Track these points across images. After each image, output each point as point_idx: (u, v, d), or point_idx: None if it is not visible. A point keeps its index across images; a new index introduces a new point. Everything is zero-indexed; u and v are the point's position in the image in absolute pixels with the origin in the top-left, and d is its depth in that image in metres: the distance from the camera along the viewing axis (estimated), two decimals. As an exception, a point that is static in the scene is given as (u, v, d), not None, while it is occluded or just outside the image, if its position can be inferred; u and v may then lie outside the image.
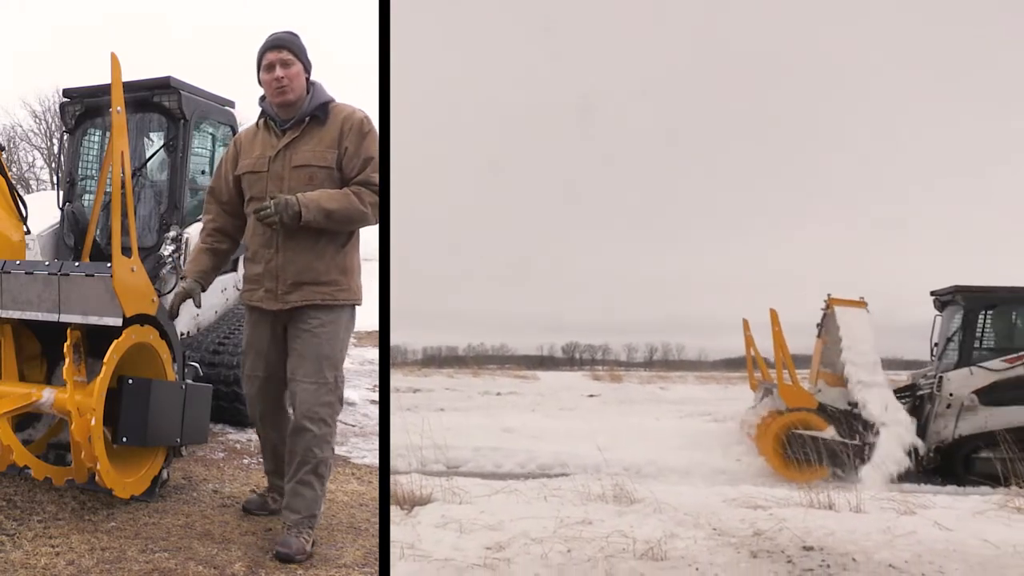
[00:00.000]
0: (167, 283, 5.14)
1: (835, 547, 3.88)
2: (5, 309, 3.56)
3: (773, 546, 3.92)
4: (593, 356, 49.79)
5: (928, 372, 8.95)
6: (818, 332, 9.29)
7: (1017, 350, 8.36)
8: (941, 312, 9.15)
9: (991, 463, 7.73)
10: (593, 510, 4.61)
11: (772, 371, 8.90)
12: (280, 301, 3.24)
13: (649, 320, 59.25)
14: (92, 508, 3.62)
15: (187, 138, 5.63)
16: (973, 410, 8.22)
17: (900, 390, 9.04)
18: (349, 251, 3.32)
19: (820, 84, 73.37)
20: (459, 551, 3.64)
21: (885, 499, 4.96)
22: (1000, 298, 8.75)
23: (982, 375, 8.31)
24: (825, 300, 9.08)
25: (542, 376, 25.92)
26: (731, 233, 67.87)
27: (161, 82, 5.52)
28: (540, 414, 13.49)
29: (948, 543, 3.85)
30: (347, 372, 8.61)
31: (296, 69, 3.25)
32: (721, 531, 4.22)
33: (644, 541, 3.80)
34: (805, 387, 8.87)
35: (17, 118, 27.51)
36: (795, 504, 4.87)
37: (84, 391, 3.38)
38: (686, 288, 64.19)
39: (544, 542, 3.79)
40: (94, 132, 5.91)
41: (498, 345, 47.50)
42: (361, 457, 5.10)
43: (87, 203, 5.77)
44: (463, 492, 4.97)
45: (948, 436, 8.23)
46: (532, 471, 8.21)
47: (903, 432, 7.93)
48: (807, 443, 7.99)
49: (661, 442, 9.34)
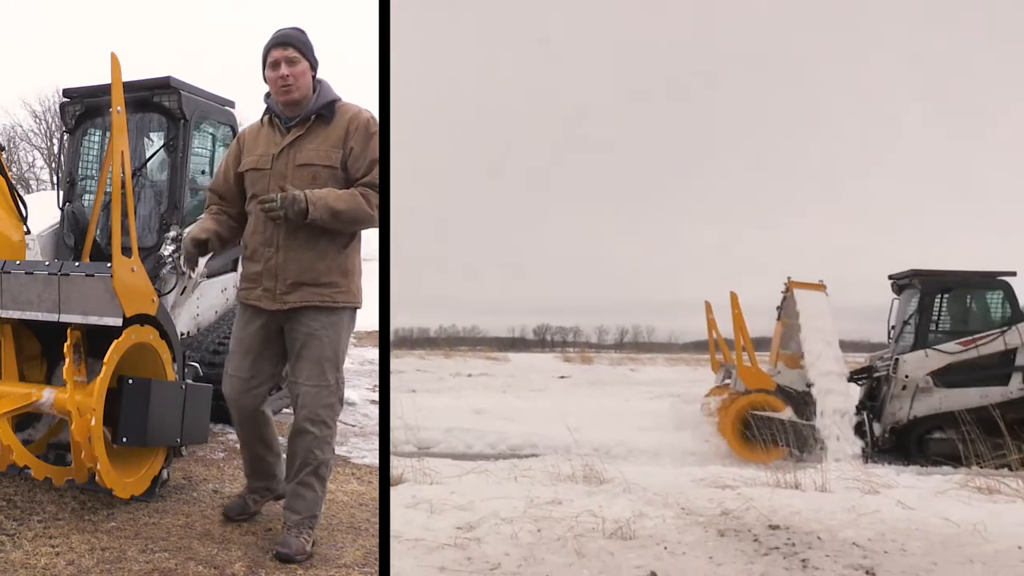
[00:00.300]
0: (167, 283, 5.14)
1: (800, 526, 3.94)
2: (5, 309, 3.56)
3: (740, 525, 3.98)
4: (564, 338, 50.16)
5: (885, 354, 9.06)
6: (778, 315, 9.38)
7: (971, 333, 8.51)
8: (899, 296, 9.28)
9: (945, 443, 7.87)
10: (563, 490, 4.68)
11: (734, 353, 8.97)
12: (278, 301, 3.20)
13: (620, 302, 59.60)
14: (92, 508, 3.62)
15: (187, 138, 5.62)
16: (928, 391, 8.39)
17: (857, 372, 9.19)
18: (350, 253, 3.28)
19: (791, 79, 73.95)
20: (429, 531, 3.67)
21: (850, 479, 5.04)
22: (956, 282, 8.89)
23: (937, 357, 8.46)
24: (785, 283, 9.16)
25: (513, 358, 26.04)
26: (701, 218, 68.39)
27: (161, 82, 5.52)
28: (511, 395, 13.57)
29: (910, 521, 3.92)
30: (347, 372, 8.61)
31: (302, 67, 3.22)
32: (689, 510, 4.28)
33: (613, 520, 3.84)
34: (765, 369, 8.97)
35: (17, 118, 27.58)
36: (762, 484, 4.95)
37: (84, 391, 3.38)
38: (657, 271, 64.70)
39: (514, 522, 3.83)
40: (94, 132, 5.91)
41: (469, 327, 47.63)
42: (361, 457, 5.10)
43: (87, 203, 5.77)
44: (434, 473, 5.02)
45: (903, 417, 8.40)
46: (503, 452, 8.32)
47: (847, 413, 8.01)
48: (765, 424, 8.10)
49: (631, 423, 9.43)
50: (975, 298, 8.94)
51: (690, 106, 79.28)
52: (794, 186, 69.76)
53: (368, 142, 3.20)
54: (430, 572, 3.19)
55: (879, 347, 9.56)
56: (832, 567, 3.31)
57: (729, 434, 8.33)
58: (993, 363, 8.47)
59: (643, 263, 62.21)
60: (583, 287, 67.70)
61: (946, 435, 8.00)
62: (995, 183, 61.68)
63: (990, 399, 8.19)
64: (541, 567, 3.29)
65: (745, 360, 8.69)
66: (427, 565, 3.24)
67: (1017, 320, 8.53)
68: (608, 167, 74.80)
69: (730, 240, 57.11)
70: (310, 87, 3.25)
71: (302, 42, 3.25)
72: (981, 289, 8.88)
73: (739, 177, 65.64)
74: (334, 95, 3.28)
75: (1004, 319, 8.63)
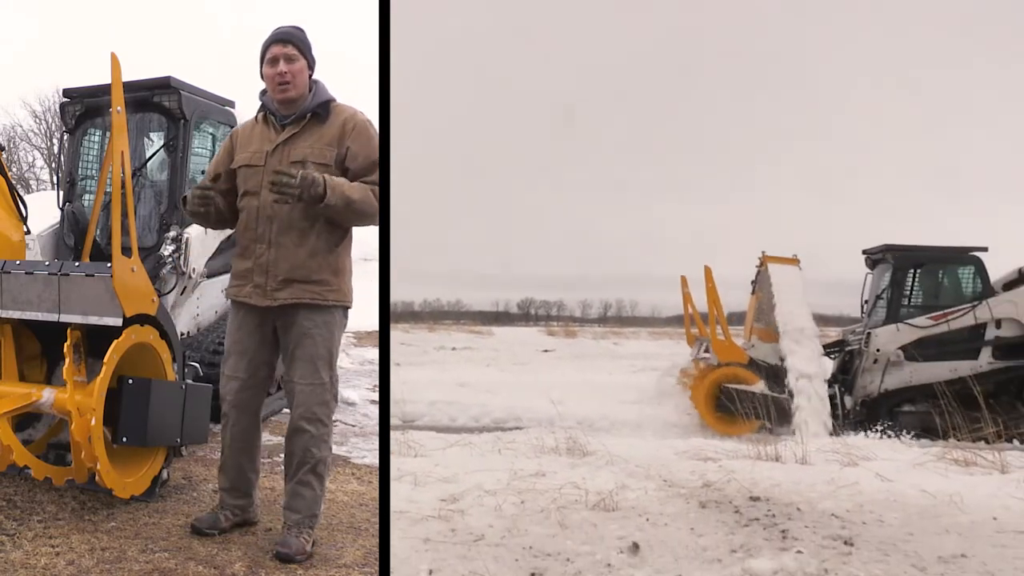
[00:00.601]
0: (167, 283, 5.14)
1: (780, 497, 3.98)
2: (5, 309, 3.56)
3: (721, 496, 4.02)
4: (548, 312, 50.56)
5: (857, 328, 9.12)
6: (752, 289, 9.45)
7: (943, 308, 8.58)
8: (872, 270, 9.34)
9: (915, 416, 7.97)
10: (546, 462, 4.74)
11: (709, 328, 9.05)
12: (269, 297, 3.19)
13: (604, 277, 60.04)
14: (92, 508, 3.62)
15: (187, 138, 5.62)
16: (899, 365, 8.46)
17: (829, 345, 9.27)
18: (341, 252, 3.27)
19: (771, 57, 74.61)
20: (414, 503, 3.69)
21: (830, 451, 5.10)
22: (928, 257, 8.96)
23: (908, 331, 8.53)
24: (759, 258, 9.21)
25: (497, 332, 26.08)
26: (684, 194, 68.93)
27: (161, 82, 5.52)
28: (495, 369, 13.58)
29: (888, 493, 3.97)
30: (347, 372, 8.62)
31: (300, 65, 3.23)
32: (671, 482, 4.32)
33: (596, 492, 3.86)
34: (739, 343, 9.02)
35: (17, 118, 27.56)
36: (743, 456, 5.00)
37: (84, 391, 3.38)
38: (640, 246, 65.12)
39: (498, 494, 3.86)
40: (94, 132, 5.91)
41: (454, 301, 47.79)
42: (361, 457, 5.10)
43: (87, 203, 5.76)
44: (418, 445, 5.07)
45: (874, 390, 8.46)
46: (487, 425, 8.37)
47: (819, 388, 8.05)
48: (737, 397, 8.17)
49: (614, 396, 9.49)
50: (947, 273, 9.01)
51: (670, 89, 80.00)
52: (771, 161, 70.29)
53: (369, 143, 3.21)
54: (414, 543, 3.20)
55: (854, 321, 9.62)
56: (811, 537, 3.35)
57: (702, 407, 8.44)
58: (963, 337, 8.54)
59: (626, 238, 62.60)
60: (567, 262, 68.01)
61: (916, 408, 8.08)
62: (971, 160, 62.44)
63: (960, 373, 8.28)
64: (524, 538, 3.31)
65: (719, 334, 8.73)
66: (411, 536, 3.26)
67: (987, 295, 8.60)
68: (591, 147, 75.41)
69: (711, 215, 57.46)
70: (307, 85, 3.26)
71: (301, 40, 3.26)
72: (953, 264, 8.94)
73: (718, 153, 66.32)
74: (329, 95, 3.29)
75: (975, 294, 8.69)
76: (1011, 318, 8.51)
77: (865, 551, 3.18)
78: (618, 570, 3.05)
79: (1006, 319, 8.51)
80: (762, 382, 8.44)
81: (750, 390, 8.36)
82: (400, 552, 3.11)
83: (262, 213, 3.20)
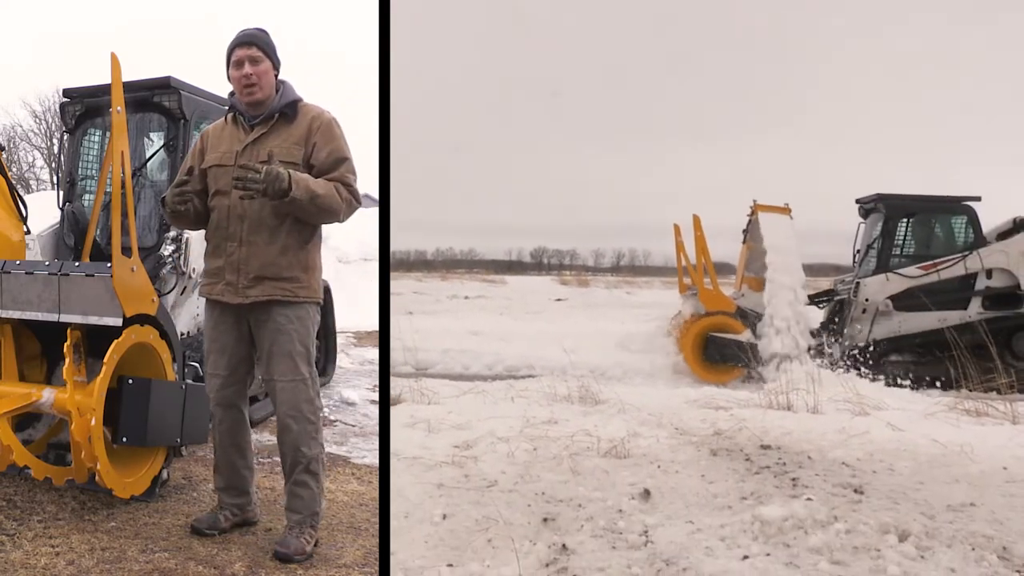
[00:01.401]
0: (167, 283, 5.14)
1: (791, 446, 4.00)
2: (5, 309, 3.56)
3: (732, 445, 4.04)
4: (561, 261, 50.50)
5: (847, 278, 9.10)
6: (743, 238, 9.43)
7: (934, 258, 8.55)
8: (865, 220, 9.28)
9: (900, 366, 7.94)
10: (559, 410, 4.79)
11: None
12: (240, 295, 3.22)
13: (617, 226, 60.10)
14: (92, 508, 3.62)
15: (187, 138, 5.62)
16: (888, 315, 8.46)
17: (818, 294, 9.30)
18: (311, 249, 3.30)
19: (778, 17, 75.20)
20: (427, 450, 3.71)
21: (841, 401, 5.10)
22: (920, 206, 8.90)
23: (897, 281, 8.52)
24: (751, 206, 9.17)
25: (510, 280, 26.03)
26: (698, 143, 68.97)
27: (161, 82, 5.51)
28: (508, 318, 13.55)
29: (899, 443, 3.99)
30: (347, 372, 8.61)
31: (265, 66, 3.26)
32: (683, 430, 4.36)
33: (608, 440, 3.91)
34: (730, 292, 9.05)
35: (17, 118, 27.57)
36: (755, 405, 5.03)
37: (84, 391, 3.38)
38: (654, 194, 65.11)
39: (511, 441, 3.90)
40: (94, 132, 5.90)
41: (466, 249, 47.86)
42: (361, 457, 5.09)
43: (87, 203, 5.76)
44: (432, 393, 5.10)
45: (862, 340, 8.42)
46: (499, 373, 8.36)
47: (800, 332, 8.06)
48: (723, 345, 8.23)
49: (626, 345, 9.47)
50: (941, 223, 8.96)
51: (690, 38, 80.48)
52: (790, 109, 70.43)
53: (333, 141, 3.24)
54: (428, 489, 3.24)
55: (848, 271, 9.58)
56: (821, 485, 3.36)
57: (689, 355, 8.47)
58: (953, 287, 8.51)
59: (640, 187, 62.54)
60: (580, 211, 67.89)
61: (902, 358, 8.05)
62: (965, 108, 62.45)
63: (948, 323, 8.23)
64: (537, 484, 3.34)
65: (707, 283, 8.73)
66: (425, 482, 3.30)
67: (979, 245, 8.55)
68: (602, 96, 75.77)
69: (730, 163, 57.34)
70: (273, 86, 3.29)
71: (265, 42, 3.29)
72: (946, 214, 8.88)
73: (731, 101, 66.32)
74: (296, 95, 3.32)
75: (967, 244, 8.63)
76: (1002, 268, 8.46)
77: (875, 499, 3.18)
78: (629, 516, 3.08)
79: (997, 269, 8.47)
80: (748, 331, 8.44)
81: (736, 339, 8.39)
82: (413, 497, 3.15)
83: (233, 212, 3.23)
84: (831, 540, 2.77)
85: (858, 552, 2.71)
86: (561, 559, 2.74)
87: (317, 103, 3.38)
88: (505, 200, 69.59)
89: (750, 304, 8.80)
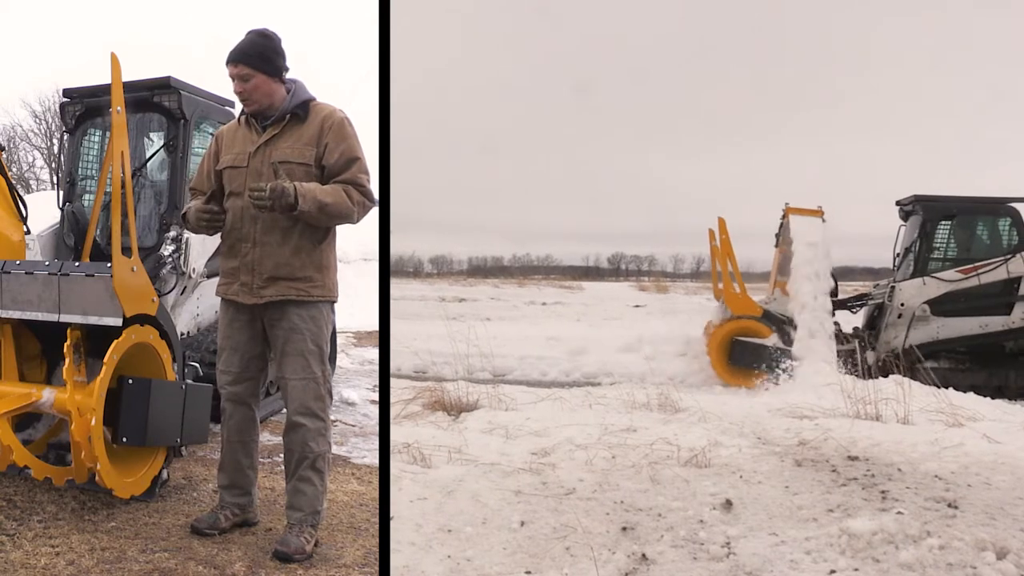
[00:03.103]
0: (167, 283, 5.13)
1: (880, 457, 3.85)
2: (5, 309, 3.56)
3: (818, 455, 3.92)
4: (639, 267, 49.78)
5: (883, 282, 8.88)
6: (776, 242, 9.24)
7: (976, 261, 8.26)
8: (905, 222, 9.03)
9: (936, 373, 7.66)
10: (638, 418, 4.68)
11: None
12: (255, 295, 3.24)
13: (696, 231, 60.03)
14: (92, 508, 3.62)
15: (187, 138, 5.62)
16: (925, 320, 8.20)
17: (852, 299, 9.06)
18: (325, 249, 3.32)
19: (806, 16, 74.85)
20: (505, 456, 3.69)
21: (934, 411, 4.90)
22: (960, 208, 8.60)
23: (935, 285, 8.26)
24: (783, 210, 9.00)
25: (587, 286, 25.79)
26: (775, 146, 67.86)
27: (161, 82, 5.51)
28: (585, 324, 13.40)
29: (996, 455, 3.81)
30: (347, 372, 8.61)
31: (255, 82, 3.26)
32: (765, 440, 4.25)
33: (688, 449, 3.83)
34: (762, 296, 8.94)
35: (17, 118, 27.56)
36: (841, 415, 4.85)
37: (84, 391, 3.38)
38: (736, 198, 64.28)
39: (589, 448, 3.84)
40: (94, 132, 5.90)
41: (543, 255, 47.34)
42: (361, 457, 5.09)
43: (87, 203, 5.76)
44: (509, 399, 5.04)
45: (898, 345, 8.18)
46: (577, 380, 8.32)
47: (826, 339, 7.89)
48: (749, 349, 8.12)
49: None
50: (986, 225, 8.65)
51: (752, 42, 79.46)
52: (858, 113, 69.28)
53: (345, 141, 3.24)
54: (506, 495, 3.22)
55: (887, 275, 9.30)
56: (913, 499, 3.23)
57: (715, 359, 8.35)
58: (995, 292, 8.22)
59: (721, 190, 61.66)
60: (659, 215, 67.12)
61: (938, 364, 7.84)
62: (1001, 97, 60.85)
63: (991, 328, 8.02)
64: (616, 493, 3.30)
65: (733, 287, 8.62)
66: (503, 488, 3.28)
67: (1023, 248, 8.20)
68: (677, 99, 75.34)
69: (807, 166, 55.93)
70: (270, 94, 3.29)
71: (251, 56, 3.27)
72: (988, 216, 8.59)
73: (801, 105, 64.99)
74: (308, 95, 3.33)
75: (1011, 247, 8.29)
76: None
77: (970, 514, 3.07)
78: (711, 527, 3.02)
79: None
80: (775, 335, 8.26)
81: (761, 343, 8.24)
82: (492, 504, 3.12)
83: (247, 213, 3.24)
84: (924, 556, 2.67)
85: (952, 569, 2.62)
86: (640, 569, 2.70)
87: (349, 100, 3.40)
88: (582, 205, 69.21)
89: (781, 308, 8.62)
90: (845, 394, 5.03)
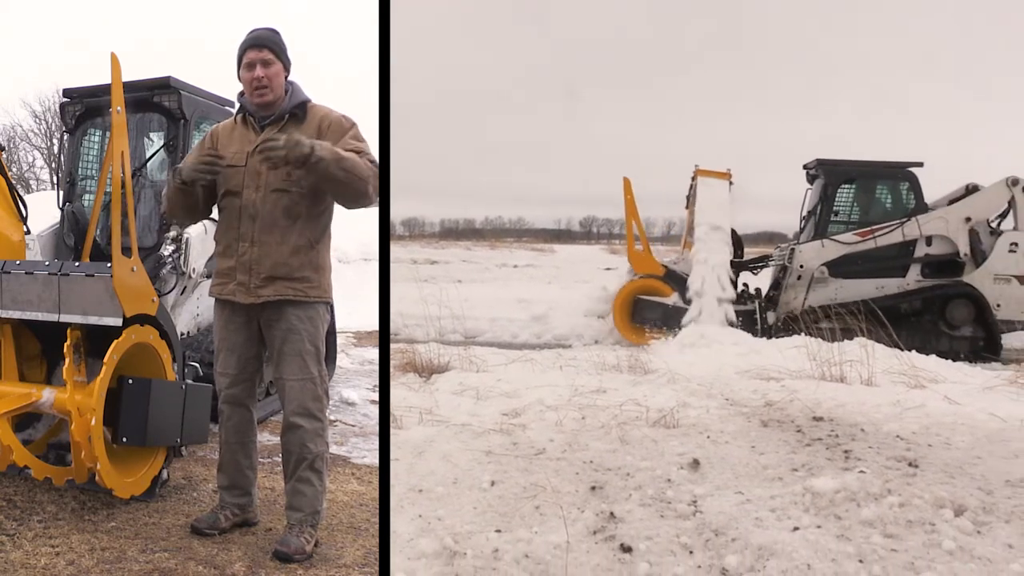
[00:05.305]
0: (167, 283, 5.14)
1: (844, 418, 3.91)
2: (5, 309, 3.56)
3: (784, 416, 3.97)
4: (611, 230, 49.64)
5: (784, 244, 9.04)
6: (686, 203, 9.38)
7: (875, 224, 8.42)
8: (811, 185, 9.18)
9: (830, 333, 7.84)
10: (607, 379, 4.73)
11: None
12: (253, 295, 3.23)
13: (667, 195, 60.20)
14: (92, 508, 3.62)
15: (187, 138, 5.62)
16: (824, 282, 8.35)
17: (753, 260, 9.22)
18: (321, 250, 3.32)
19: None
20: (476, 417, 3.71)
21: (896, 373, 4.99)
22: (859, 172, 8.75)
23: (833, 248, 8.40)
24: (693, 172, 9.13)
25: (559, 249, 25.79)
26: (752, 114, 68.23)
27: (161, 82, 5.51)
28: (556, 287, 13.45)
29: (956, 416, 3.87)
30: (347, 372, 8.60)
31: (276, 68, 3.26)
32: (733, 401, 4.30)
33: (657, 410, 3.88)
34: (672, 256, 9.15)
35: (17, 118, 27.59)
36: (807, 376, 4.92)
37: (84, 391, 3.38)
38: (704, 164, 64.71)
39: (559, 409, 3.88)
40: (94, 132, 5.91)
41: (515, 218, 47.27)
42: (361, 457, 5.08)
43: (87, 203, 5.76)
44: (480, 361, 5.08)
45: (797, 306, 8.33)
46: (548, 342, 8.37)
47: (718, 298, 8.05)
48: (650, 308, 8.32)
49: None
50: (886, 188, 8.84)
51: None
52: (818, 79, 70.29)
53: (345, 135, 3.24)
54: (476, 455, 3.24)
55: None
56: (875, 458, 3.28)
57: (618, 317, 8.52)
58: (892, 254, 8.40)
59: (689, 157, 62.27)
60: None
61: (832, 324, 7.99)
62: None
63: (887, 290, 8.17)
64: (585, 453, 3.32)
65: (637, 246, 8.77)
66: (474, 449, 3.30)
67: (921, 212, 8.38)
68: (648, 68, 76.18)
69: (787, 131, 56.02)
70: (283, 88, 3.29)
71: (276, 43, 3.29)
72: (888, 180, 8.77)
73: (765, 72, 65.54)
74: (305, 96, 3.33)
75: (908, 210, 8.47)
76: (941, 235, 8.30)
77: (930, 473, 3.11)
78: (678, 486, 3.06)
79: (937, 236, 8.31)
80: (676, 294, 8.43)
81: (661, 301, 8.41)
82: (463, 464, 3.14)
83: (244, 212, 3.23)
84: (884, 513, 2.71)
85: (912, 526, 2.65)
86: (609, 527, 2.72)
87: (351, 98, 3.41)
88: (554, 168, 69.78)
89: (685, 268, 8.77)
90: (811, 356, 5.10)
